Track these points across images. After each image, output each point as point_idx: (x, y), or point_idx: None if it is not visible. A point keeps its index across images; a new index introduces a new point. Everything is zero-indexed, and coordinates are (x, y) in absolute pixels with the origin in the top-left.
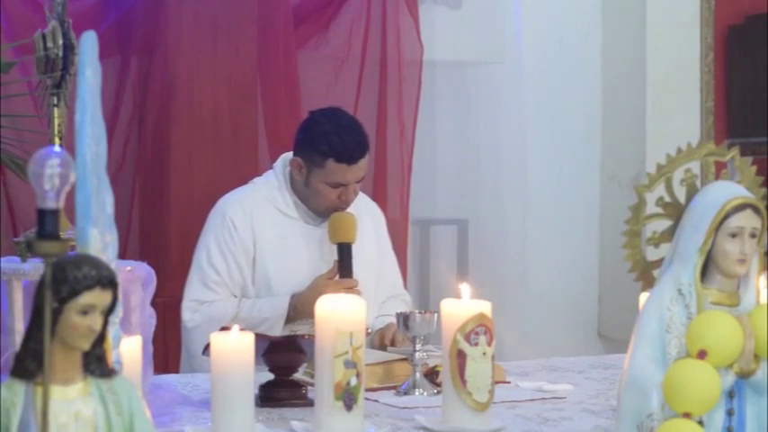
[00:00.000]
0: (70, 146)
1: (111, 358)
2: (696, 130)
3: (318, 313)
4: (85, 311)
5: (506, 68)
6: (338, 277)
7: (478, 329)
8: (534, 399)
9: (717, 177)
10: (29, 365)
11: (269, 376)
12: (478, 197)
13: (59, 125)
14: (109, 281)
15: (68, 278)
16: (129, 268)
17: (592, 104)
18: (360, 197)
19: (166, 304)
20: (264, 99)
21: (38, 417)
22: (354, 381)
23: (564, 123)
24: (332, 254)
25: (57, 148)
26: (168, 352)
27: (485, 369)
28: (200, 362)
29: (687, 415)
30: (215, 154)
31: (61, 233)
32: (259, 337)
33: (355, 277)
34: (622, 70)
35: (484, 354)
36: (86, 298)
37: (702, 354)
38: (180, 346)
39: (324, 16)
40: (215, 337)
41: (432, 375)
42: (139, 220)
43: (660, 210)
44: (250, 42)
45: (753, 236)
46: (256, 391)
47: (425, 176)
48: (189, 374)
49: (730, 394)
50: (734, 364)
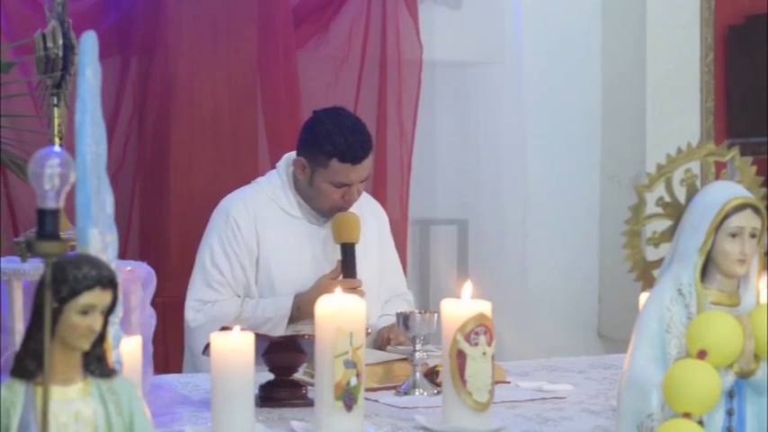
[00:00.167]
0: (70, 146)
1: (111, 358)
2: (696, 130)
3: (318, 313)
4: (85, 311)
5: (506, 68)
6: (341, 277)
7: (478, 329)
8: (534, 399)
9: (717, 177)
10: (29, 365)
11: (269, 376)
12: (478, 197)
13: (59, 125)
14: (109, 281)
15: (68, 278)
16: (129, 268)
17: (592, 104)
18: (363, 197)
19: (166, 304)
20: (264, 99)
21: (38, 417)
22: (354, 381)
23: (564, 123)
24: (335, 254)
25: (57, 148)
26: (168, 352)
27: (485, 369)
28: (202, 362)
29: (687, 415)
30: (215, 154)
31: (61, 233)
32: (259, 337)
33: (358, 277)
34: (622, 70)
35: (484, 354)
36: (86, 298)
37: (702, 354)
38: (180, 346)
39: (324, 16)
40: (215, 337)
41: (432, 375)
42: (139, 220)
43: (660, 210)
44: (250, 42)
45: (753, 236)
46: (256, 391)
47: (425, 176)
48: (189, 374)
49: (730, 394)
50: (734, 364)
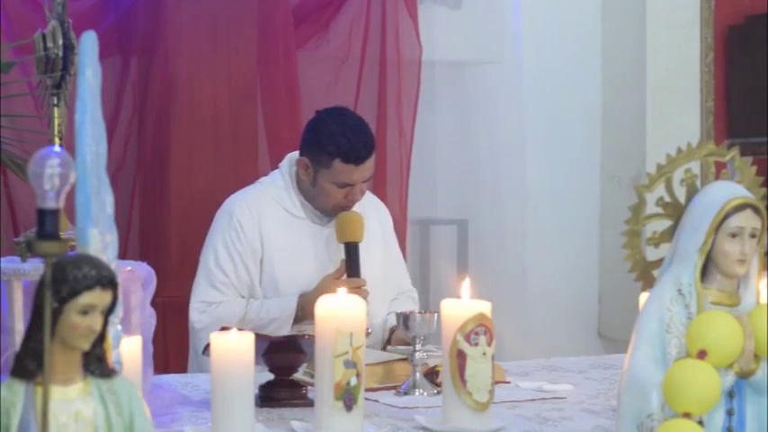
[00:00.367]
0: (70, 146)
1: (111, 358)
2: (696, 130)
3: (318, 313)
4: (85, 311)
5: (506, 68)
6: (345, 277)
7: (478, 329)
8: (534, 399)
9: (717, 177)
10: (29, 365)
11: (269, 376)
12: (478, 197)
13: (59, 125)
14: (109, 281)
15: (68, 278)
16: (129, 268)
17: (592, 104)
18: (366, 195)
19: (166, 304)
20: (264, 99)
21: (38, 417)
22: (354, 381)
23: (564, 123)
24: (339, 253)
25: (57, 148)
26: (168, 352)
27: (485, 369)
28: (208, 363)
29: (687, 415)
30: (215, 154)
31: (61, 233)
32: (259, 337)
33: (363, 276)
34: (622, 70)
35: (484, 354)
36: (86, 298)
37: (702, 354)
38: (180, 346)
39: (324, 16)
40: (215, 337)
41: (432, 375)
42: (139, 220)
43: (660, 210)
44: (250, 42)
45: (753, 236)
46: (256, 391)
47: (425, 176)
48: (189, 374)
49: (730, 394)
50: (734, 364)
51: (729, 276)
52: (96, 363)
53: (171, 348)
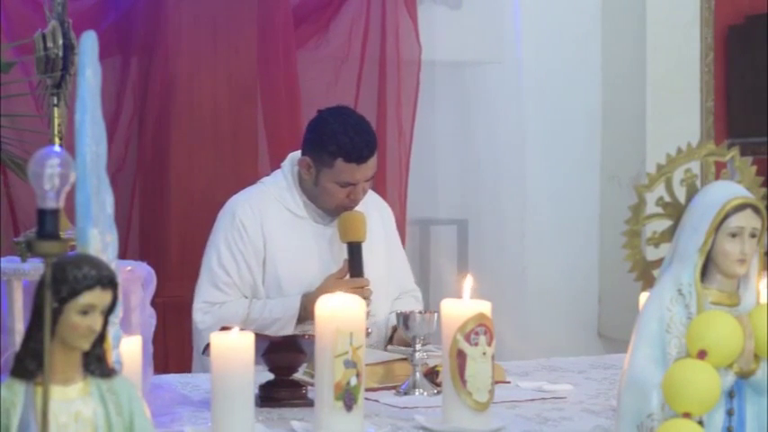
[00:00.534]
0: (70, 146)
1: (111, 358)
2: (696, 130)
3: (318, 313)
4: (85, 311)
5: (506, 68)
6: (348, 276)
7: (478, 329)
8: (534, 399)
9: (717, 177)
10: (29, 365)
11: (269, 376)
12: (478, 197)
13: (59, 125)
14: (109, 281)
15: (68, 278)
16: (129, 268)
17: (592, 104)
18: (368, 194)
19: (166, 304)
20: (264, 99)
21: (38, 417)
22: (354, 381)
23: (564, 123)
24: (342, 253)
25: (57, 148)
26: (168, 352)
27: (485, 369)
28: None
29: (687, 415)
30: (215, 154)
31: (61, 233)
32: (259, 337)
33: (366, 276)
34: (622, 70)
35: (484, 354)
36: (86, 298)
37: (702, 354)
38: (180, 346)
39: (324, 16)
40: (215, 337)
41: (432, 375)
42: (139, 220)
43: (660, 210)
44: (250, 42)
45: (753, 236)
46: (256, 391)
47: (425, 176)
48: (189, 374)
49: (730, 394)
50: (734, 364)
51: (729, 276)
52: (96, 363)
53: (171, 348)
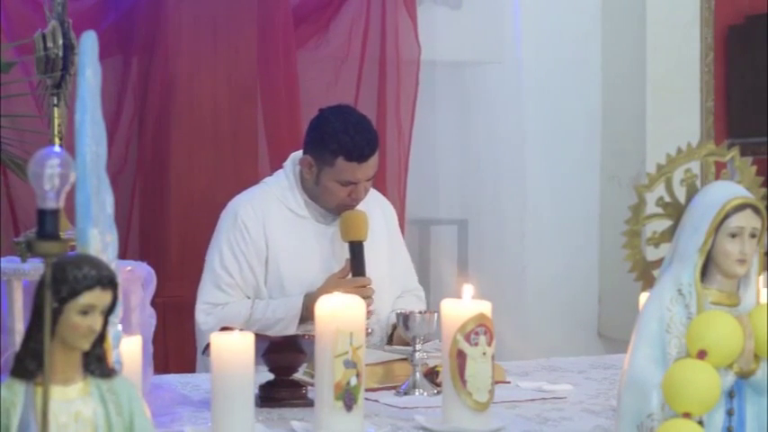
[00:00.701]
0: (70, 146)
1: (111, 358)
2: (696, 130)
3: (318, 313)
4: (85, 311)
5: (506, 68)
6: (351, 276)
7: (478, 329)
8: (534, 399)
9: (717, 177)
10: (29, 365)
11: (269, 376)
12: (478, 197)
13: (59, 125)
14: (109, 281)
15: (68, 278)
16: (129, 268)
17: (592, 104)
18: (370, 193)
19: (166, 304)
20: (264, 99)
21: (38, 417)
22: (354, 381)
23: (564, 123)
24: (344, 252)
25: (57, 148)
26: (168, 352)
27: (485, 369)
28: None
29: (687, 415)
30: (215, 154)
31: (61, 233)
32: (259, 337)
33: (368, 275)
34: (622, 70)
35: (484, 354)
36: (86, 298)
37: (702, 354)
38: (180, 346)
39: (324, 16)
40: (215, 338)
41: (432, 375)
42: (139, 220)
43: (660, 210)
44: (250, 42)
45: (753, 236)
46: (256, 391)
47: (425, 176)
48: (189, 374)
49: (730, 394)
50: (734, 364)
51: (729, 276)
52: (96, 363)
53: (171, 348)
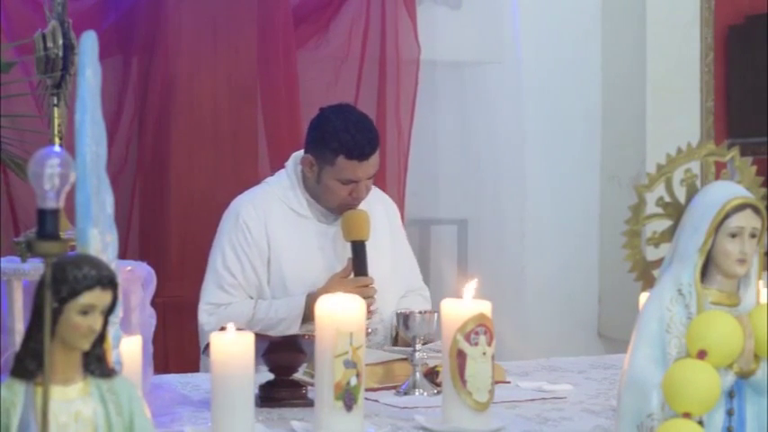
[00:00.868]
0: (70, 146)
1: (111, 358)
2: (696, 130)
3: (318, 313)
4: (86, 311)
5: (506, 68)
6: (353, 275)
7: (478, 329)
8: (534, 399)
9: (717, 177)
10: (29, 365)
11: (269, 376)
12: (478, 197)
13: (59, 125)
14: (109, 281)
15: (68, 278)
16: (129, 268)
17: (592, 104)
18: (373, 191)
19: (166, 304)
20: (264, 99)
21: (38, 417)
22: (354, 381)
23: (564, 123)
24: (346, 252)
25: (57, 148)
26: (168, 352)
27: (485, 369)
28: None
29: (687, 415)
30: (215, 154)
31: (61, 233)
32: (259, 337)
33: (370, 274)
34: (622, 70)
35: (484, 354)
36: (86, 298)
37: (702, 354)
38: (180, 346)
39: (324, 16)
40: (215, 337)
41: (432, 375)
42: (139, 220)
43: (660, 210)
44: (250, 42)
45: (753, 236)
46: (256, 391)
47: (425, 176)
48: (189, 374)
49: (730, 394)
50: (734, 364)
51: (729, 276)
52: (96, 363)
53: (171, 348)
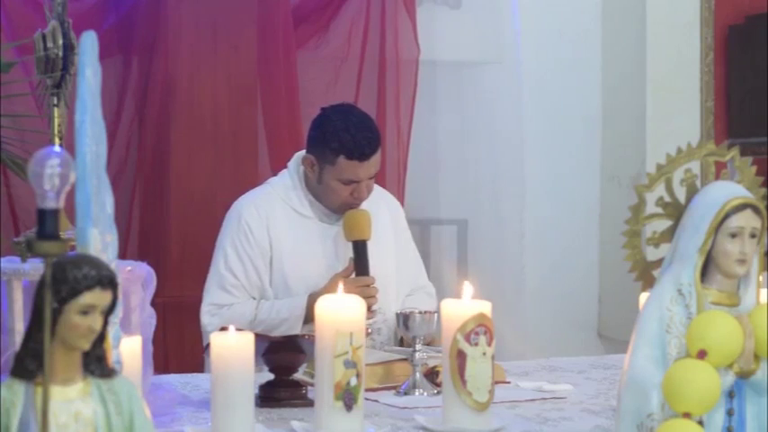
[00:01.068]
0: (70, 146)
1: (111, 358)
2: (696, 130)
3: (318, 313)
4: (85, 311)
5: (506, 68)
6: (354, 275)
7: (478, 329)
8: (534, 399)
9: (717, 177)
10: (29, 365)
11: (269, 376)
12: (478, 197)
13: (59, 125)
14: (109, 281)
15: (68, 278)
16: (129, 268)
17: (592, 104)
18: (375, 190)
19: (166, 304)
20: (264, 99)
21: (38, 417)
22: (354, 381)
23: (564, 123)
24: (348, 251)
25: (57, 148)
26: (168, 352)
27: (485, 369)
28: None
29: (687, 415)
30: (215, 154)
31: (61, 233)
32: (259, 337)
33: (372, 273)
34: (622, 70)
35: (484, 354)
36: (86, 298)
37: (702, 354)
38: (180, 346)
39: (323, 16)
40: (215, 337)
41: (432, 375)
42: (139, 220)
43: (660, 210)
44: (250, 42)
45: (753, 236)
46: (256, 391)
47: (425, 176)
48: (189, 374)
49: (730, 394)
50: (734, 364)
51: (729, 276)
52: (96, 363)
53: (171, 348)
